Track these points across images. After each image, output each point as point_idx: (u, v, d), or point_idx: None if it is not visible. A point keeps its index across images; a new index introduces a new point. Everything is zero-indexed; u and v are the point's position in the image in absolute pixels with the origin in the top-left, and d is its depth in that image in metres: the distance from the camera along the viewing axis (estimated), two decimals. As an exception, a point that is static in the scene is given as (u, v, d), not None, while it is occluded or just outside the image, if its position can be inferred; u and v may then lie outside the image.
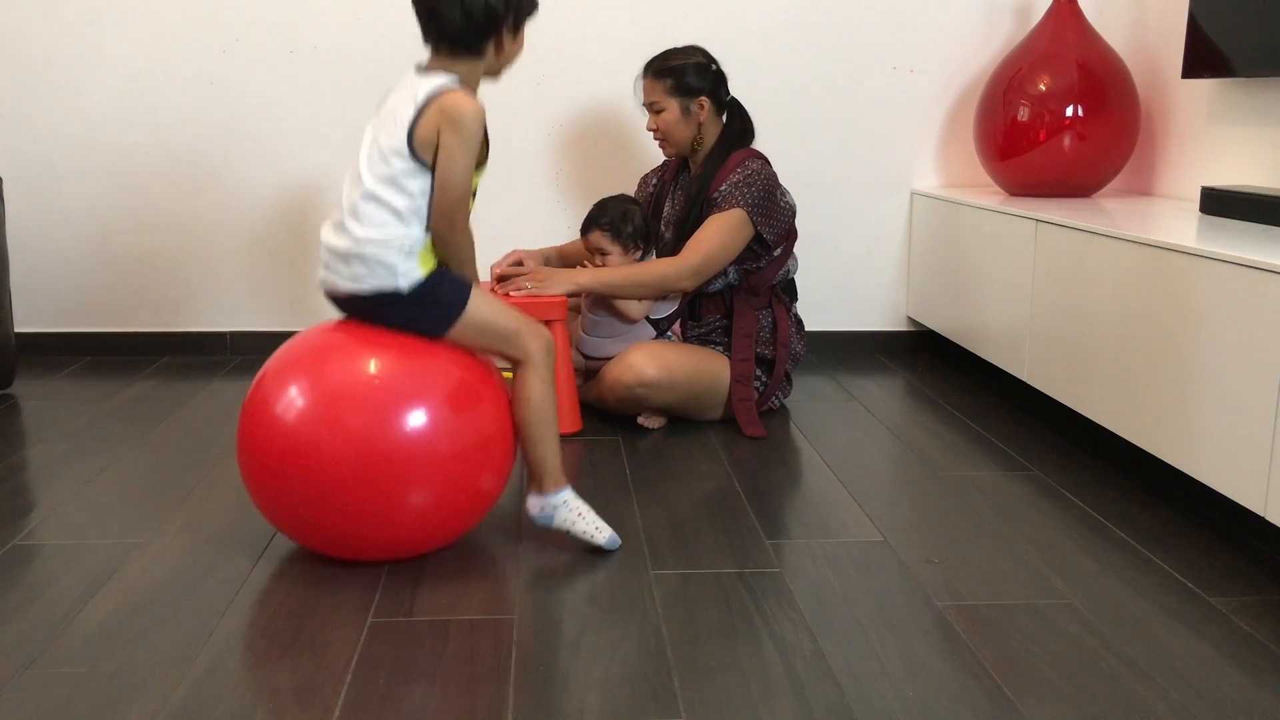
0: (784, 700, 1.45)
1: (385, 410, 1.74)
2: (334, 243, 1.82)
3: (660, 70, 2.68)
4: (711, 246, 2.56)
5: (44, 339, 3.33)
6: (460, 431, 1.79)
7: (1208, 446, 1.93)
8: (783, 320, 2.72)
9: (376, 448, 1.73)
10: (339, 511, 1.75)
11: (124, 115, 3.24)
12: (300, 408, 1.75)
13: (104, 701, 1.44)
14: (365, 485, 1.73)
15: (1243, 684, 1.50)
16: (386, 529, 1.78)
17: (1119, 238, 2.23)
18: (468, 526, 1.90)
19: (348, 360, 1.79)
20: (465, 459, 1.80)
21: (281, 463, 1.75)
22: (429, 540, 1.86)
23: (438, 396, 1.78)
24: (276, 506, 1.81)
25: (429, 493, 1.78)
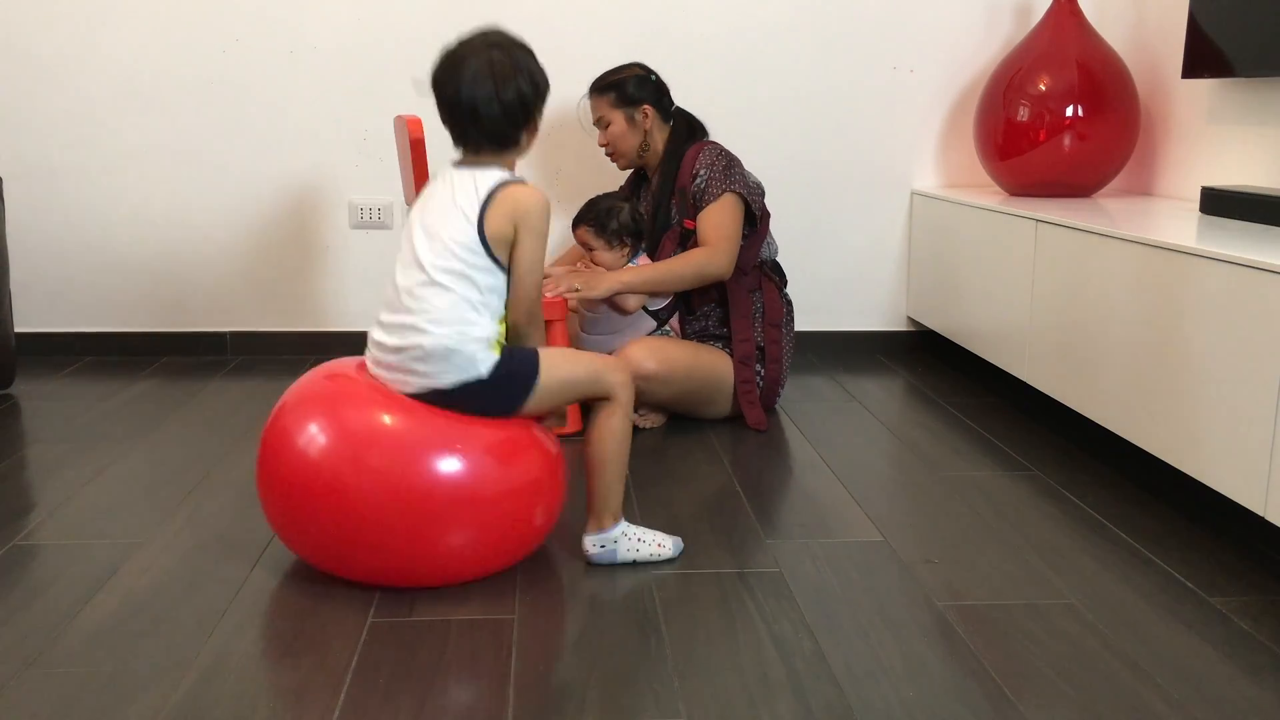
0: (784, 700, 1.45)
1: (415, 455, 1.70)
2: (403, 342, 1.74)
3: (602, 86, 2.79)
4: (730, 231, 2.65)
5: (44, 339, 3.33)
6: (500, 476, 1.75)
7: (1208, 446, 1.93)
8: (773, 300, 2.76)
9: (404, 493, 1.68)
10: (367, 550, 1.72)
11: (124, 115, 3.24)
12: (323, 445, 1.71)
13: (104, 701, 1.44)
14: (393, 531, 1.69)
15: (1243, 684, 1.50)
16: (418, 569, 1.75)
17: (1119, 238, 2.23)
18: (507, 563, 1.84)
19: (373, 404, 1.75)
20: (508, 500, 1.76)
21: (307, 505, 1.72)
22: (462, 575, 1.80)
23: (474, 445, 1.74)
24: (302, 543, 1.79)
25: (465, 534, 1.74)
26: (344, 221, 3.34)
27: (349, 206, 3.33)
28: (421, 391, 1.74)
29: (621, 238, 2.71)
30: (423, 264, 1.74)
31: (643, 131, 2.77)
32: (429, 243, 1.75)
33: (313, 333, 3.39)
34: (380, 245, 3.35)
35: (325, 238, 3.34)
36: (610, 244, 2.70)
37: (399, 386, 1.75)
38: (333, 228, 3.34)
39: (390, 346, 1.75)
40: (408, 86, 3.26)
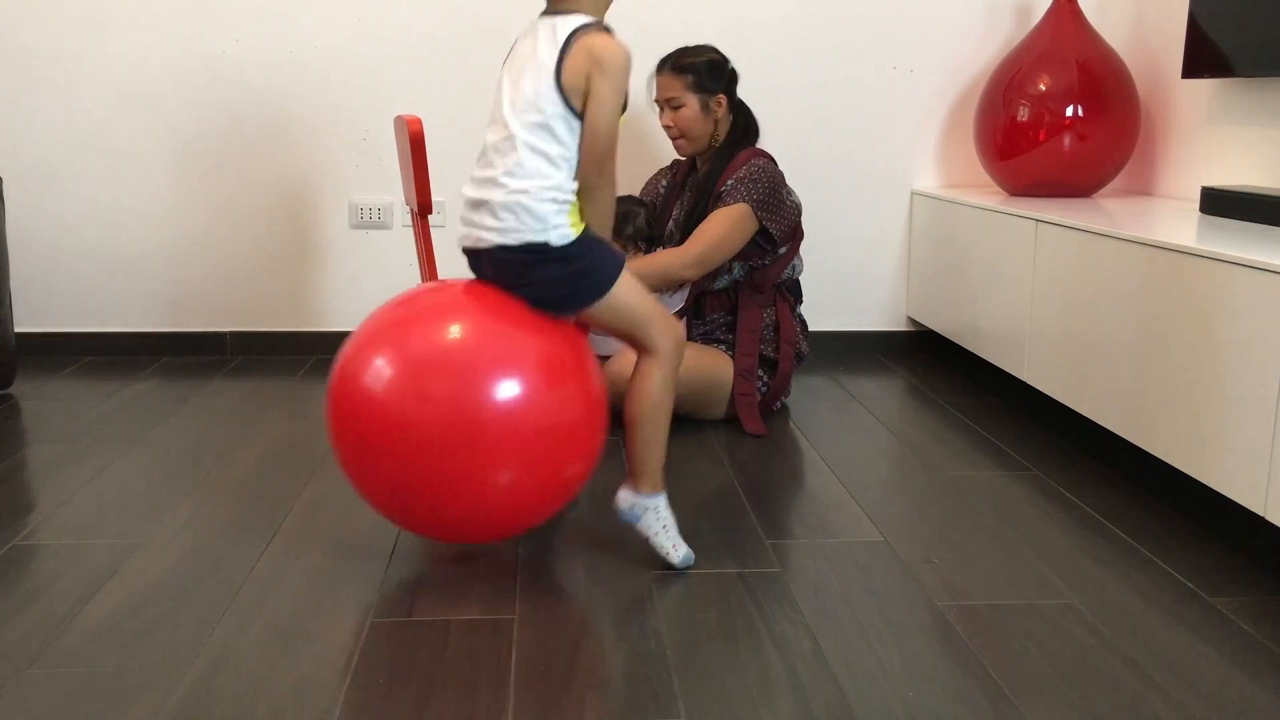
0: (784, 700, 1.45)
1: (474, 380, 1.69)
2: (482, 195, 1.75)
3: (680, 66, 2.69)
4: (714, 237, 2.58)
5: (44, 339, 3.33)
6: (551, 408, 1.73)
7: (1208, 446, 1.93)
8: (786, 319, 2.73)
9: (463, 418, 1.67)
10: (426, 484, 1.71)
11: (124, 115, 3.24)
12: (388, 377, 1.71)
13: (104, 701, 1.44)
14: (452, 458, 1.68)
15: (1243, 684, 1.50)
16: (471, 504, 1.74)
17: (1119, 238, 2.23)
18: (550, 512, 1.84)
19: (436, 327, 1.76)
20: (551, 437, 1.73)
21: (370, 433, 1.71)
22: (511, 523, 1.81)
23: (533, 369, 1.72)
24: (366, 478, 1.78)
25: (515, 470, 1.72)
26: (344, 221, 3.34)
27: (349, 206, 3.33)
28: (495, 247, 1.74)
29: (636, 242, 2.70)
30: (505, 118, 1.74)
31: (713, 121, 2.71)
32: (511, 94, 1.75)
33: (313, 333, 3.39)
34: (380, 245, 3.35)
35: (325, 238, 3.34)
36: (626, 248, 2.69)
37: (479, 239, 1.77)
38: (333, 228, 3.34)
39: (472, 200, 1.77)
40: (408, 86, 3.26)
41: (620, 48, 1.72)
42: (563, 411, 1.74)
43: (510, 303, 1.77)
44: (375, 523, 2.06)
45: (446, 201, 3.33)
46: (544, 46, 1.73)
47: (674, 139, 2.74)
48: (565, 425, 1.75)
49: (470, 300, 1.82)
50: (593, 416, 1.80)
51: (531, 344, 1.75)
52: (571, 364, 1.78)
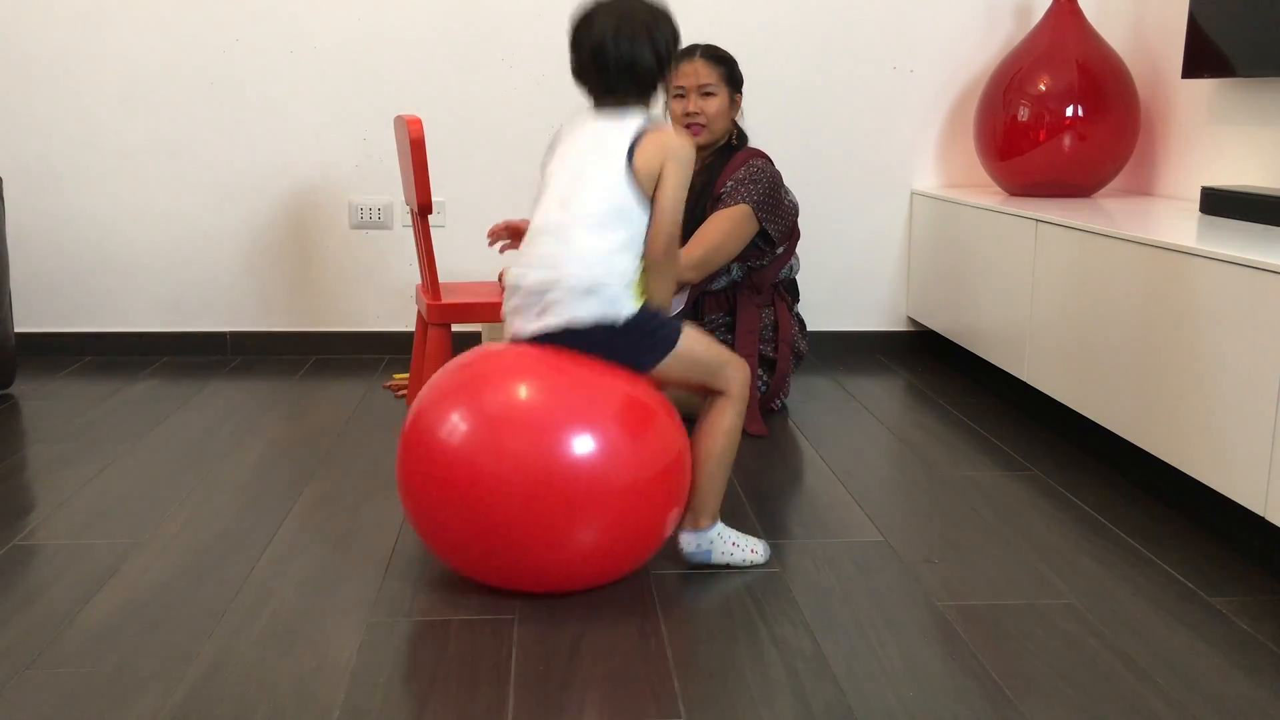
0: (784, 700, 1.45)
1: (552, 434, 1.65)
2: (548, 279, 1.75)
3: (714, 56, 2.69)
4: (715, 240, 2.57)
5: (44, 339, 3.33)
6: (638, 460, 1.68)
7: (1208, 446, 1.93)
8: (784, 318, 2.73)
9: (542, 474, 1.63)
10: (503, 541, 1.66)
11: (124, 115, 3.24)
12: (463, 432, 1.67)
13: (104, 701, 1.44)
14: (531, 515, 1.63)
15: (1243, 684, 1.50)
16: (552, 563, 1.68)
17: (1119, 238, 2.23)
18: (639, 562, 1.78)
19: (511, 381, 1.72)
20: (642, 490, 1.69)
21: (443, 491, 1.67)
22: (598, 576, 1.75)
23: (611, 421, 1.68)
24: (439, 537, 1.73)
25: (600, 527, 1.67)
26: (344, 221, 3.34)
27: (349, 206, 3.33)
28: (555, 330, 1.74)
29: None
30: (569, 204, 1.78)
31: (732, 119, 2.72)
32: (573, 182, 1.79)
33: (313, 333, 3.39)
34: (380, 245, 3.35)
35: (325, 238, 3.34)
36: None
37: (534, 326, 1.76)
38: (333, 228, 3.34)
39: (534, 286, 1.76)
40: (408, 86, 3.26)
41: (688, 140, 1.84)
42: (650, 464, 1.70)
43: (585, 358, 1.75)
44: (375, 523, 2.06)
45: (446, 201, 3.33)
46: (614, 138, 1.79)
47: (694, 125, 2.71)
48: (651, 478, 1.70)
49: (544, 354, 1.76)
50: (679, 467, 1.76)
51: (614, 395, 1.72)
52: (655, 415, 1.74)
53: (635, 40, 1.79)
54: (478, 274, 3.24)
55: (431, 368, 2.50)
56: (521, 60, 3.26)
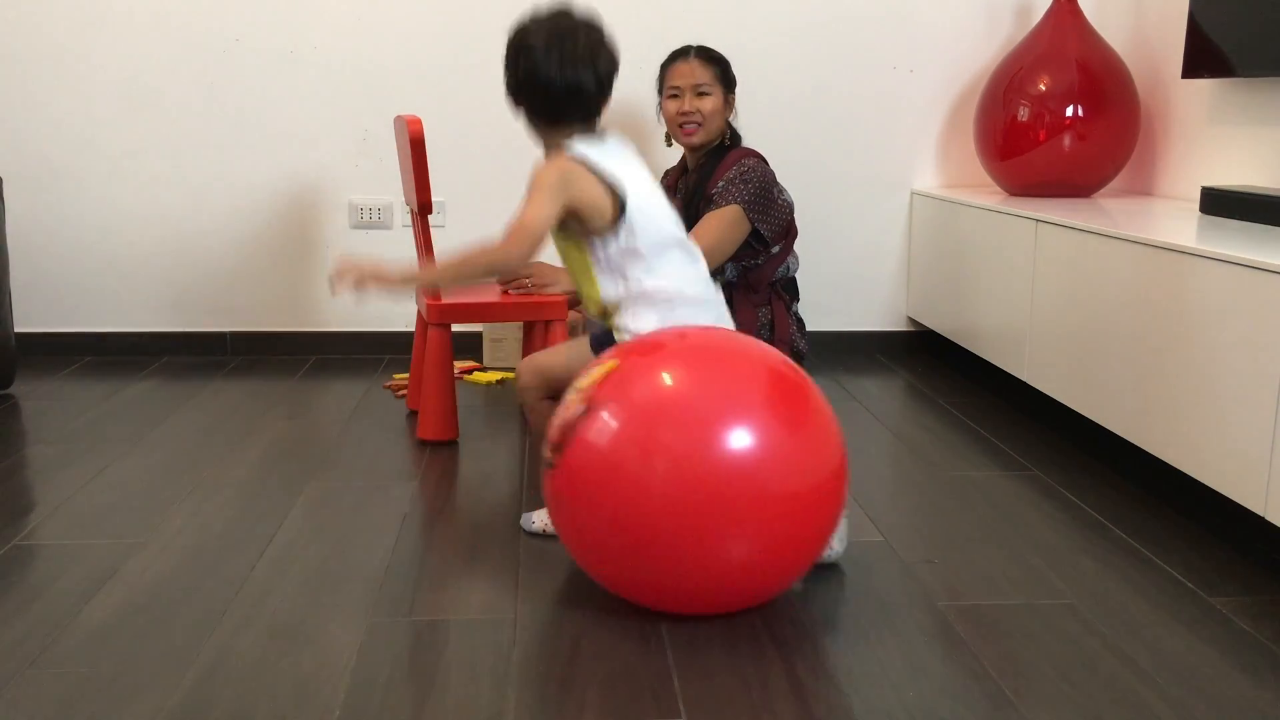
0: (784, 700, 1.45)
1: (708, 430, 1.54)
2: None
3: (709, 56, 2.72)
4: (709, 241, 2.57)
5: (44, 339, 3.33)
6: (798, 465, 1.58)
7: (1208, 446, 1.93)
8: (781, 318, 2.72)
9: (693, 477, 1.52)
10: (653, 551, 1.56)
11: (124, 115, 3.24)
12: (615, 430, 1.56)
13: (104, 701, 1.44)
14: (684, 522, 1.52)
15: (1243, 684, 1.50)
16: (705, 575, 1.58)
17: (1119, 238, 2.23)
18: (792, 580, 1.68)
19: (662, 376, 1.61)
20: (800, 498, 1.58)
21: (591, 494, 1.58)
22: (752, 594, 1.65)
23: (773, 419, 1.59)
24: (585, 546, 1.65)
25: (757, 536, 1.55)
26: (344, 221, 3.34)
27: (349, 206, 3.33)
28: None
29: None
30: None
31: (726, 119, 2.74)
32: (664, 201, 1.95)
33: (313, 333, 3.39)
34: (380, 245, 3.35)
35: (325, 238, 3.34)
36: None
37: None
38: (333, 228, 3.34)
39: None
40: (408, 86, 3.26)
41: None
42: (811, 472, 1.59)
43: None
44: (375, 523, 2.06)
45: (446, 201, 3.33)
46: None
47: (689, 125, 2.72)
48: (814, 487, 1.59)
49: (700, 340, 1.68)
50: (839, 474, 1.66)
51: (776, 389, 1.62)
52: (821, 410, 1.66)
53: (578, 65, 1.80)
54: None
55: (431, 368, 2.50)
56: (521, 60, 3.26)
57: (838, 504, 1.67)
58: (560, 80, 1.81)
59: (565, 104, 1.83)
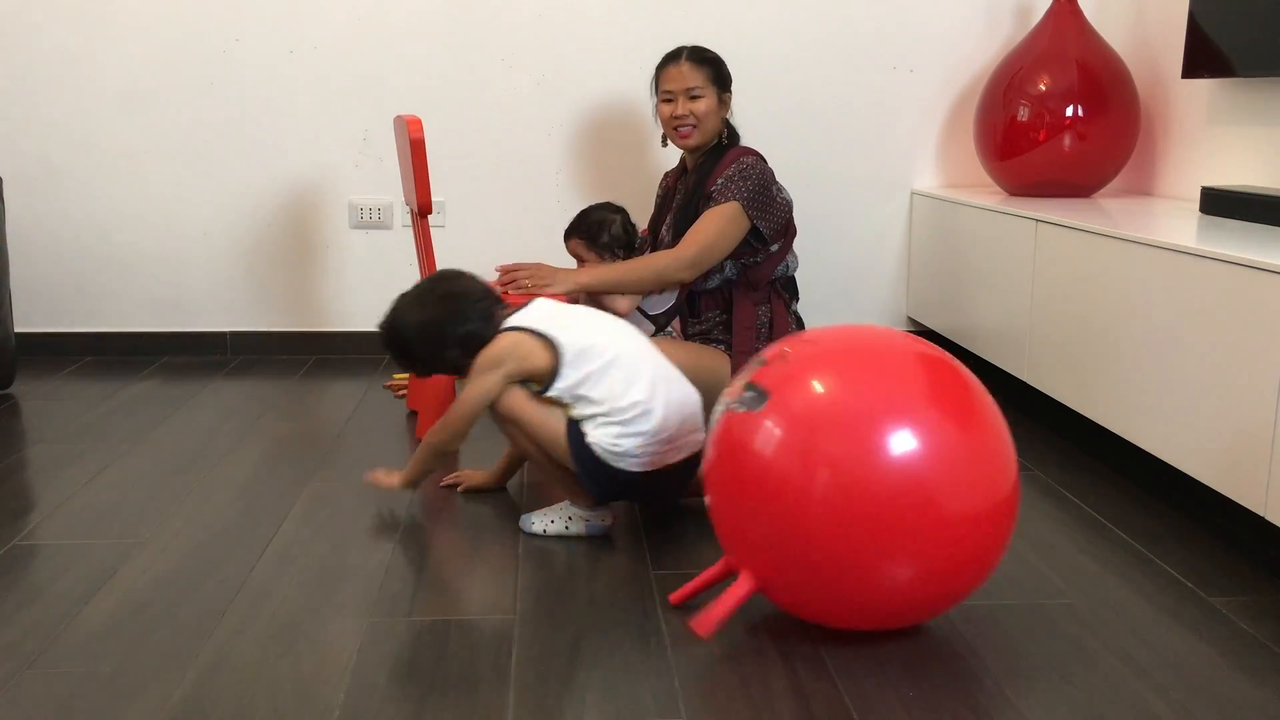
0: (784, 700, 1.45)
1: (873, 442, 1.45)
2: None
3: (702, 58, 2.70)
4: (707, 238, 2.57)
5: (44, 339, 3.33)
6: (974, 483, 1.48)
7: (1208, 446, 1.93)
8: (780, 316, 2.72)
9: (858, 490, 1.44)
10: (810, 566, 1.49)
11: (124, 115, 3.24)
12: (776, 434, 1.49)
13: (104, 701, 1.44)
14: (846, 536, 1.45)
15: (1243, 684, 1.50)
16: (869, 593, 1.50)
17: (1119, 238, 2.23)
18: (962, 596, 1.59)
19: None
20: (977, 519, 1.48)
21: (756, 501, 1.51)
22: (913, 615, 1.58)
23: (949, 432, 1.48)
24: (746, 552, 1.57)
25: (923, 563, 1.47)
26: (344, 221, 3.34)
27: (349, 206, 3.33)
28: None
29: (614, 250, 2.69)
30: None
31: (722, 119, 2.72)
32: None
33: (313, 333, 3.39)
34: (380, 245, 3.35)
35: (325, 238, 3.34)
36: (602, 256, 2.69)
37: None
38: (333, 228, 3.34)
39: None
40: (408, 86, 3.26)
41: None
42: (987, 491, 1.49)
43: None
44: (375, 523, 2.06)
45: (446, 201, 3.33)
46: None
47: (684, 128, 2.71)
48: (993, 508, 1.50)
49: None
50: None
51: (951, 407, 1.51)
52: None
53: (436, 345, 2.00)
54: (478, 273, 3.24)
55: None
56: (521, 60, 3.27)
57: (1010, 525, 1.55)
58: (446, 346, 2.02)
59: (461, 352, 2.02)
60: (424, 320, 2.01)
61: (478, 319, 2.01)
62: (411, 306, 2.04)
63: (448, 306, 2.01)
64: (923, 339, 1.67)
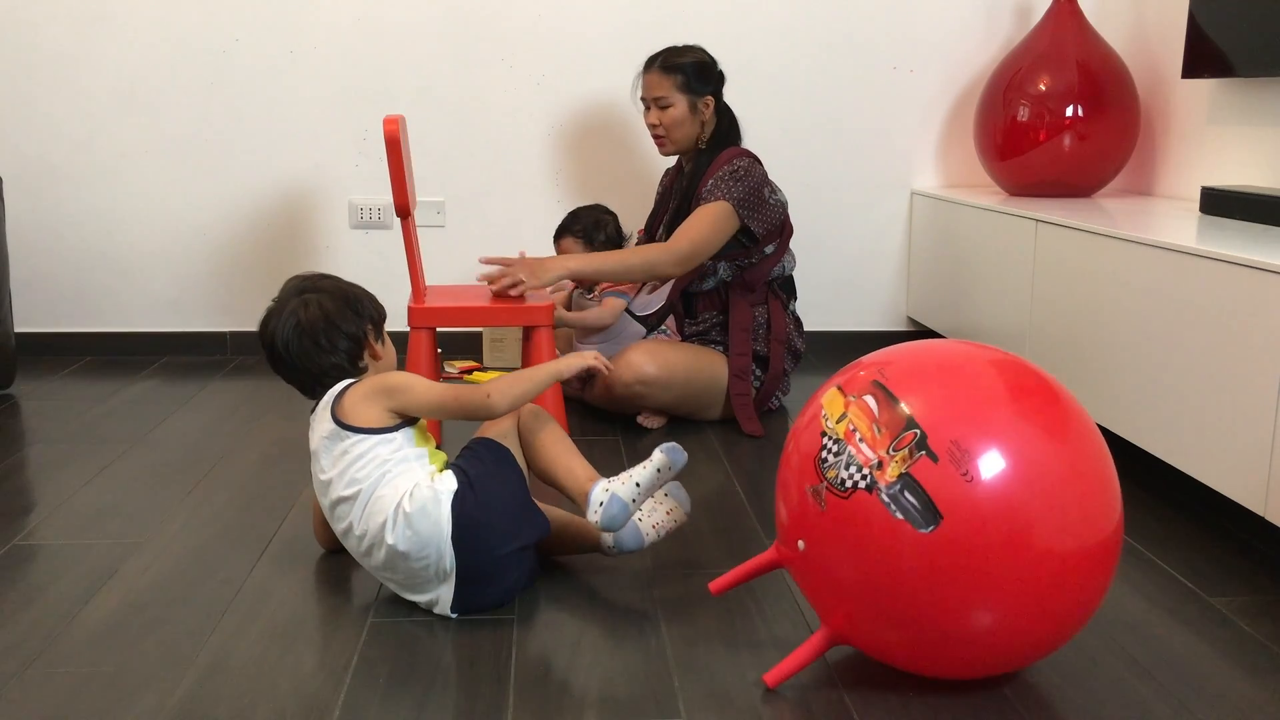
0: (784, 700, 1.45)
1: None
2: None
3: (670, 65, 2.67)
4: (699, 235, 2.57)
5: (44, 339, 3.33)
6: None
7: (1208, 446, 1.93)
8: (778, 317, 2.72)
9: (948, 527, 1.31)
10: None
11: (124, 115, 3.24)
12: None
13: (104, 701, 1.44)
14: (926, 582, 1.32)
15: (1243, 684, 1.50)
16: (949, 643, 1.37)
17: (1119, 238, 2.23)
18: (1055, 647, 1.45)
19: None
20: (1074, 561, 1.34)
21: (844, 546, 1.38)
22: (995, 665, 1.44)
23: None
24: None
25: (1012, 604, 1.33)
26: (344, 221, 3.34)
27: (349, 206, 3.33)
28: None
29: (608, 249, 2.70)
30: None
31: (700, 123, 2.70)
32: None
33: (313, 333, 3.39)
34: (380, 245, 3.35)
35: (325, 238, 3.34)
36: None
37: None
38: (333, 228, 3.34)
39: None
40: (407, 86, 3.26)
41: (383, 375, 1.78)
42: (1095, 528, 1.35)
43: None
44: (375, 523, 2.06)
45: (446, 201, 3.33)
46: (320, 420, 1.76)
47: (657, 138, 2.73)
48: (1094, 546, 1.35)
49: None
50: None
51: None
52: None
53: (318, 347, 1.76)
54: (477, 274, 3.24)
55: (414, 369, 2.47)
56: (521, 60, 3.27)
57: (1112, 566, 1.40)
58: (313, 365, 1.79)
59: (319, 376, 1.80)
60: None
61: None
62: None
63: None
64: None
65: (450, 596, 1.67)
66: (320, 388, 1.78)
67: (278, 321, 1.78)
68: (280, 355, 1.78)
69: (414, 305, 2.49)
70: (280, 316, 1.78)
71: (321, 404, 1.75)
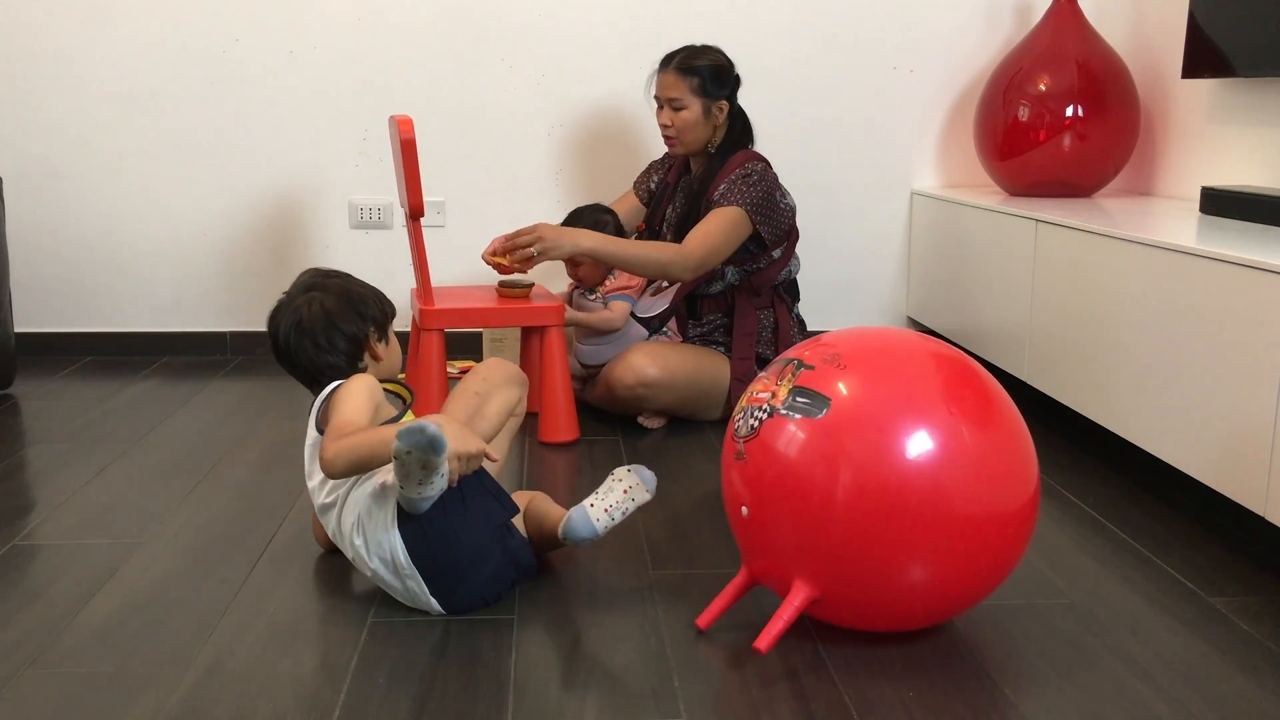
0: (784, 700, 1.45)
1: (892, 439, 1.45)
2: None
3: (687, 67, 2.63)
4: (713, 241, 2.55)
5: (44, 339, 3.33)
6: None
7: (1208, 446, 1.93)
8: (784, 320, 2.72)
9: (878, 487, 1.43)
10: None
11: (124, 115, 3.24)
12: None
13: (104, 701, 1.44)
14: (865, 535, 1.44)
15: (1243, 684, 1.50)
16: (885, 594, 1.50)
17: (1119, 238, 2.23)
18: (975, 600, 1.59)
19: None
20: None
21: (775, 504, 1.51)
22: (926, 617, 1.57)
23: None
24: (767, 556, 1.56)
25: (939, 561, 1.47)
26: (344, 221, 3.34)
27: (349, 206, 3.33)
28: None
29: None
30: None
31: (713, 127, 2.67)
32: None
33: (313, 333, 3.39)
34: (380, 245, 3.35)
35: (325, 238, 3.34)
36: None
37: None
38: (333, 228, 3.34)
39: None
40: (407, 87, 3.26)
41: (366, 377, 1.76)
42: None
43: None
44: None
45: (447, 201, 3.33)
46: (310, 430, 1.78)
47: (667, 139, 2.71)
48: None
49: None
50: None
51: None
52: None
53: (316, 347, 1.78)
54: (477, 274, 3.24)
55: (425, 371, 2.48)
56: (521, 60, 3.27)
57: (1029, 529, 1.56)
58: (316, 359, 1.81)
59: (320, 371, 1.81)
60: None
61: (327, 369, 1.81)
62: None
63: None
64: (936, 339, 1.68)
65: (427, 595, 1.66)
66: (318, 385, 1.79)
67: (282, 317, 1.81)
68: (282, 351, 1.81)
69: (426, 308, 2.48)
70: (286, 312, 1.81)
71: (314, 407, 1.76)
